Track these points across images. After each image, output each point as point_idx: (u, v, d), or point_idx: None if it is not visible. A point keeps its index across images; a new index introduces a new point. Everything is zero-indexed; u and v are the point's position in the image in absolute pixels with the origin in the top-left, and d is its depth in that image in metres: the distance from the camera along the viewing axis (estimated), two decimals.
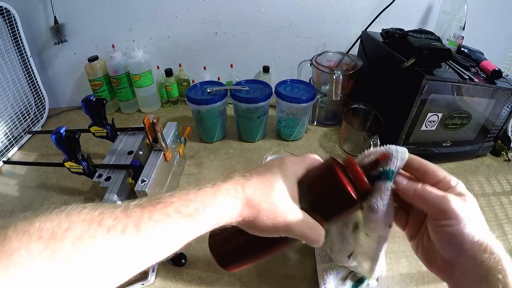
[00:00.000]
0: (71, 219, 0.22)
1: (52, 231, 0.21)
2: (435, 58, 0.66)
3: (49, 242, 0.21)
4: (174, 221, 0.24)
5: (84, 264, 0.22)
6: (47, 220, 0.22)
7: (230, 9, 0.88)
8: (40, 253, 0.21)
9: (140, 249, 0.24)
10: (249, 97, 0.74)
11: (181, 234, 0.25)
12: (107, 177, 0.55)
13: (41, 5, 0.82)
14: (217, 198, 0.27)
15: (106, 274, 0.23)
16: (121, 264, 0.23)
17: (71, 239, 0.21)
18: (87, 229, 0.22)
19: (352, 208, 0.30)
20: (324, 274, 0.50)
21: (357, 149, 0.77)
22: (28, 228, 0.21)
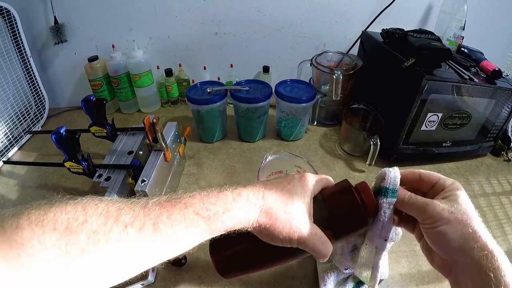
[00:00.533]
0: (87, 212, 0.22)
1: (67, 222, 0.21)
2: (435, 58, 0.66)
3: (63, 234, 0.21)
4: (192, 223, 0.25)
5: (98, 259, 0.22)
6: (62, 211, 0.22)
7: (230, 9, 0.88)
8: (53, 244, 0.20)
9: (155, 247, 0.24)
10: (249, 97, 0.74)
11: (196, 235, 0.26)
12: (107, 177, 0.55)
13: (41, 5, 0.82)
14: (238, 204, 0.27)
15: (118, 269, 0.23)
16: (135, 260, 0.23)
17: (86, 233, 0.21)
18: (104, 223, 0.22)
19: (362, 229, 0.32)
20: (324, 274, 0.50)
21: (357, 149, 0.77)
22: (42, 218, 0.21)
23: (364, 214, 0.31)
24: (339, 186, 0.34)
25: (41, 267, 0.20)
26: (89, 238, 0.21)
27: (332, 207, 0.32)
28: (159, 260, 0.25)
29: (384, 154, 0.72)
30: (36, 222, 0.21)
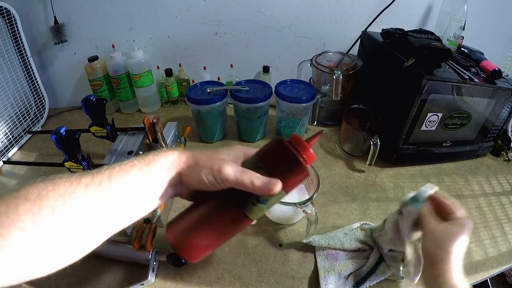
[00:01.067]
0: (55, 182, 0.26)
1: (38, 193, 0.25)
2: (435, 58, 0.66)
3: (35, 201, 0.24)
4: (137, 170, 0.29)
5: (68, 217, 0.25)
6: (32, 186, 0.26)
7: (230, 9, 0.88)
8: (27, 211, 0.24)
9: (115, 198, 0.27)
10: (249, 97, 0.74)
11: (144, 180, 0.29)
12: None
13: (41, 5, 0.82)
14: (167, 152, 0.32)
15: (88, 226, 0.26)
16: (101, 214, 0.27)
17: (55, 197, 0.25)
18: (69, 187, 0.26)
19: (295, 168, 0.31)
20: (324, 274, 0.50)
21: (357, 149, 0.77)
22: (15, 195, 0.25)
23: (294, 152, 0.31)
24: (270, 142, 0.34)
25: (18, 234, 0.23)
26: (57, 201, 0.25)
27: (262, 152, 0.33)
28: (126, 212, 0.29)
29: (384, 154, 0.72)
30: (10, 199, 0.24)
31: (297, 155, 0.30)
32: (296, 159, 0.30)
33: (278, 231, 0.59)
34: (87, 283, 0.50)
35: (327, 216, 0.62)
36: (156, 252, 0.51)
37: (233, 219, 0.32)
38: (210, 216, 0.32)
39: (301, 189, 0.63)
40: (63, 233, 0.25)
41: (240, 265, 0.53)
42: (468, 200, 0.67)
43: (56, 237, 0.25)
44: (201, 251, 0.33)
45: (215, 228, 0.32)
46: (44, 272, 0.26)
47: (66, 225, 0.25)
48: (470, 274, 0.53)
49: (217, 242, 0.33)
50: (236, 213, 0.32)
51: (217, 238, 0.33)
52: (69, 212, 0.25)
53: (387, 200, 0.66)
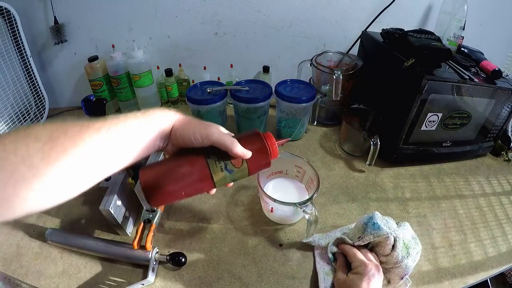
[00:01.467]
0: (67, 125, 0.28)
1: (49, 134, 0.27)
2: (435, 58, 0.66)
3: (46, 141, 0.26)
4: (137, 119, 0.34)
5: (78, 156, 0.27)
6: (43, 128, 0.27)
7: (230, 9, 0.88)
8: (37, 150, 0.25)
9: (121, 139, 0.31)
10: (249, 97, 0.74)
11: (141, 128, 0.34)
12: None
13: (41, 5, 0.82)
14: (166, 109, 0.37)
15: (96, 164, 0.29)
16: (109, 154, 0.30)
17: (66, 138, 0.27)
18: (80, 129, 0.28)
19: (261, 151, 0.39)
20: (324, 277, 0.50)
21: (357, 149, 0.77)
22: (24, 135, 0.26)
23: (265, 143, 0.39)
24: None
25: (24, 171, 0.25)
26: (69, 140, 0.27)
27: (240, 136, 0.40)
28: (129, 151, 0.32)
29: (384, 154, 0.72)
30: (18, 137, 0.26)
31: (266, 146, 0.39)
32: (265, 148, 0.39)
33: (278, 231, 0.59)
34: (87, 283, 0.50)
35: (327, 216, 0.62)
36: (156, 252, 0.51)
37: (200, 175, 0.37)
38: (181, 166, 0.37)
39: (301, 189, 0.63)
40: (72, 172, 0.27)
41: (240, 265, 0.53)
42: (468, 200, 0.67)
43: (64, 177, 0.27)
44: (164, 196, 0.37)
45: (183, 178, 0.37)
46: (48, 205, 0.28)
47: (77, 164, 0.28)
48: (470, 274, 0.53)
49: (180, 192, 0.37)
50: (203, 170, 0.37)
51: (181, 188, 0.37)
52: (80, 154, 0.28)
53: (387, 200, 0.66)
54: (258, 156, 0.39)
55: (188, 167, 0.37)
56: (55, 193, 0.28)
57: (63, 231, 0.56)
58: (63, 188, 0.28)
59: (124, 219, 0.54)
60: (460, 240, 0.59)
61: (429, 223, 0.62)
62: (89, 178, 0.30)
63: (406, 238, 0.50)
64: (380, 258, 0.49)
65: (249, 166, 0.39)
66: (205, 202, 0.64)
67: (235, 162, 0.38)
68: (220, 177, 0.38)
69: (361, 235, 0.49)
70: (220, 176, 0.38)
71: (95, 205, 0.51)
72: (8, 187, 0.24)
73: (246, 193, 0.66)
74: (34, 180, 0.25)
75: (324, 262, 0.52)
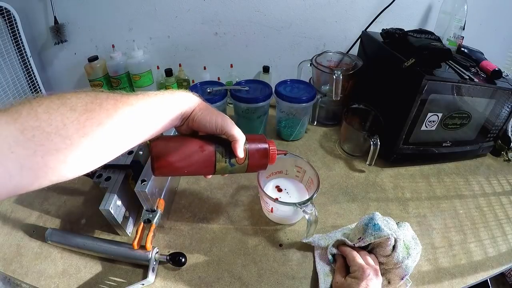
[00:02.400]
0: (101, 96, 0.29)
1: (85, 104, 0.27)
2: (435, 58, 0.66)
3: (82, 112, 0.26)
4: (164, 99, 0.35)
5: (111, 129, 0.28)
6: (77, 98, 0.27)
7: (230, 9, 0.88)
8: (73, 121, 0.25)
9: (149, 117, 0.33)
10: (249, 97, 0.74)
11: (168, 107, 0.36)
12: (107, 177, 0.55)
13: (41, 5, 0.82)
14: (187, 91, 0.40)
15: (125, 138, 0.30)
16: (138, 129, 0.32)
17: (101, 110, 0.28)
18: (115, 103, 0.29)
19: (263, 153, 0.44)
20: (324, 278, 0.50)
21: (357, 149, 0.77)
22: (59, 104, 0.25)
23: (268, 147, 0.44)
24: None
25: (57, 142, 0.24)
26: (104, 114, 0.28)
27: (248, 135, 0.44)
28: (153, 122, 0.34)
29: (384, 154, 0.72)
30: (52, 109, 0.25)
31: (268, 151, 0.44)
32: (266, 152, 0.44)
33: (278, 231, 0.59)
34: (87, 283, 0.50)
35: (327, 216, 0.62)
36: (156, 252, 0.51)
37: (206, 160, 0.40)
38: (192, 147, 0.40)
39: (301, 189, 0.63)
40: (102, 144, 0.28)
41: (240, 265, 0.53)
42: (468, 200, 0.67)
43: (94, 146, 0.27)
44: (169, 168, 0.40)
45: (190, 158, 0.40)
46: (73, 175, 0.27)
47: (109, 137, 0.28)
48: (470, 274, 0.53)
49: (184, 169, 0.40)
50: (210, 157, 0.40)
51: (186, 166, 0.40)
52: (113, 127, 0.28)
53: (387, 200, 0.66)
54: (259, 158, 0.44)
55: (198, 150, 0.40)
56: (83, 164, 0.27)
57: (63, 231, 0.56)
58: (91, 159, 0.28)
59: (124, 219, 0.54)
60: (460, 240, 0.59)
61: (429, 223, 0.62)
62: (116, 150, 0.30)
63: (407, 238, 0.50)
64: (380, 259, 0.49)
65: (249, 164, 0.43)
66: (205, 202, 0.64)
67: (239, 158, 0.42)
68: (221, 167, 0.42)
69: (362, 236, 0.49)
70: (221, 166, 0.41)
71: (95, 205, 0.51)
72: (37, 157, 0.24)
73: (246, 193, 0.66)
74: (66, 151, 0.25)
75: (324, 263, 0.52)
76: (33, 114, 0.24)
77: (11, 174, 0.23)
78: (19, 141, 0.23)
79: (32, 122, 0.24)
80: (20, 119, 0.23)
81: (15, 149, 0.23)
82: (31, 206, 0.62)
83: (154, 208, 0.53)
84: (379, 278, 0.45)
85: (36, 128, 0.24)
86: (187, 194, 0.66)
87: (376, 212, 0.50)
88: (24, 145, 0.23)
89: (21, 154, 0.23)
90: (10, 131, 0.23)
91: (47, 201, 0.63)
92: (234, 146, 0.40)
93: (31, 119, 0.24)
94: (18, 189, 0.24)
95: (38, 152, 0.24)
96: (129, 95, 0.32)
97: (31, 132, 0.23)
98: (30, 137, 0.23)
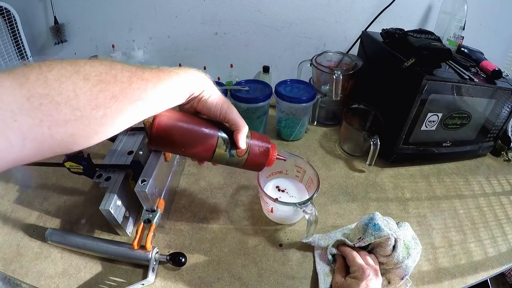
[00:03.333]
0: (115, 67, 0.28)
1: (99, 75, 0.25)
2: (435, 58, 0.66)
3: (96, 83, 0.25)
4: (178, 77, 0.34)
5: (123, 102, 0.27)
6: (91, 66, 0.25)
7: (230, 9, 0.88)
8: (85, 91, 0.24)
9: (161, 94, 0.32)
10: (249, 97, 0.74)
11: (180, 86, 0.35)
12: (107, 177, 0.54)
13: (41, 5, 0.82)
14: (199, 71, 0.38)
15: (135, 112, 0.29)
16: (148, 104, 0.30)
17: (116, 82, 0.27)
18: (129, 76, 0.28)
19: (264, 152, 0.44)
20: (324, 278, 0.50)
21: (357, 149, 0.77)
22: (71, 71, 0.24)
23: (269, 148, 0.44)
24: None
25: (67, 113, 0.23)
26: (119, 87, 0.26)
27: (253, 132, 0.44)
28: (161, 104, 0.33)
29: (384, 154, 0.72)
30: (63, 76, 0.23)
31: (269, 152, 0.44)
32: (267, 153, 0.44)
33: (278, 231, 0.59)
34: (87, 283, 0.50)
35: (327, 216, 0.62)
36: (156, 252, 0.51)
37: (206, 144, 0.39)
38: (196, 128, 0.39)
39: (301, 189, 0.63)
40: (111, 117, 0.26)
41: (240, 265, 0.53)
42: (468, 200, 0.67)
43: (103, 119, 0.26)
44: (167, 143, 0.39)
45: (191, 138, 0.39)
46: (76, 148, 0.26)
47: (117, 110, 0.27)
48: (470, 274, 0.53)
49: (181, 148, 0.39)
50: (211, 142, 0.39)
51: (184, 145, 0.39)
52: (126, 102, 0.27)
53: (387, 200, 0.66)
54: (259, 155, 0.43)
55: (201, 132, 0.39)
56: (90, 137, 0.26)
57: (63, 231, 0.56)
58: (99, 132, 0.26)
59: (124, 219, 0.54)
60: (460, 240, 0.59)
61: (429, 223, 0.62)
62: (125, 124, 0.29)
63: (407, 238, 0.50)
64: (380, 259, 0.49)
65: (247, 160, 0.43)
66: (205, 202, 0.64)
67: (240, 150, 0.41)
68: (220, 154, 0.40)
69: (362, 236, 0.49)
70: (220, 154, 0.40)
71: (95, 205, 0.51)
72: (43, 128, 0.22)
73: (246, 193, 0.66)
74: (75, 124, 0.23)
75: (324, 263, 0.52)
76: (42, 80, 0.22)
77: (13, 144, 0.21)
78: (24, 109, 0.21)
79: (40, 89, 0.22)
80: (27, 85, 0.21)
81: (18, 117, 0.21)
82: (31, 206, 0.62)
83: (154, 208, 0.53)
84: (379, 278, 0.45)
85: (44, 96, 0.22)
86: (187, 194, 0.66)
87: (376, 212, 0.50)
88: (29, 113, 0.21)
89: (25, 123, 0.21)
90: (14, 96, 0.21)
91: (47, 201, 0.63)
92: (237, 136, 0.40)
93: (39, 85, 0.22)
94: (18, 161, 0.22)
95: (44, 123, 0.22)
96: (144, 69, 0.30)
97: (39, 100, 0.21)
98: (37, 106, 0.21)
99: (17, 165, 0.22)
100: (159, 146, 0.40)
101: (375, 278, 0.44)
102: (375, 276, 0.44)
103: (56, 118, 0.22)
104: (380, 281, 0.45)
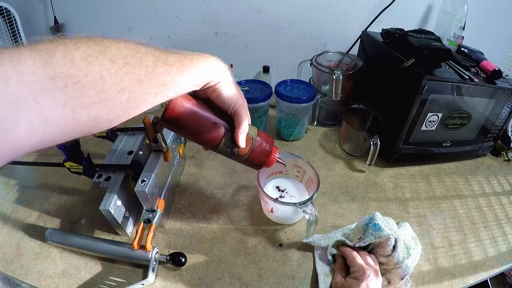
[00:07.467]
0: (140, 50, 0.27)
1: (125, 57, 0.25)
2: (435, 58, 0.66)
3: (122, 65, 0.24)
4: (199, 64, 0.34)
5: (146, 86, 0.27)
6: (117, 48, 0.25)
7: (230, 9, 0.88)
8: (111, 74, 0.23)
9: (182, 79, 0.32)
10: (249, 97, 0.73)
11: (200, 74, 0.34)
12: (107, 177, 0.55)
13: (41, 5, 0.82)
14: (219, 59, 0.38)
15: (155, 96, 0.29)
16: (168, 89, 0.30)
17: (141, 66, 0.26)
18: (154, 61, 0.28)
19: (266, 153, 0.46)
20: (324, 278, 0.50)
21: (357, 149, 0.77)
22: (98, 51, 0.23)
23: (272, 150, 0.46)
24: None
25: (92, 95, 0.22)
26: (144, 71, 0.26)
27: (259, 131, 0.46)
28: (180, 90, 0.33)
29: (384, 154, 0.72)
30: (90, 57, 0.22)
31: (271, 153, 0.46)
32: (269, 154, 0.46)
33: (278, 231, 0.59)
34: (87, 283, 0.50)
35: (327, 216, 0.62)
36: (156, 252, 0.51)
37: (214, 135, 0.41)
38: (208, 118, 0.40)
39: (301, 189, 0.63)
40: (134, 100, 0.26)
41: (240, 265, 0.53)
42: (468, 200, 0.67)
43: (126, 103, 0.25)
44: (178, 125, 0.40)
45: (202, 126, 0.40)
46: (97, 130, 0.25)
47: (140, 93, 0.26)
48: (470, 274, 0.53)
49: (190, 133, 0.41)
50: (218, 135, 0.41)
51: (194, 132, 0.40)
52: (151, 85, 0.27)
53: (387, 200, 0.66)
54: (260, 156, 0.45)
55: (211, 124, 0.40)
56: (112, 119, 0.25)
57: (63, 231, 0.56)
58: (121, 115, 0.26)
59: (124, 219, 0.54)
60: (460, 240, 0.59)
61: (429, 223, 0.62)
62: (145, 107, 0.28)
63: (407, 238, 0.50)
64: (380, 259, 0.49)
65: (249, 157, 0.44)
66: (205, 202, 0.64)
67: (242, 150, 0.43)
68: (223, 147, 0.42)
69: (362, 236, 0.49)
70: (224, 146, 0.42)
71: (95, 205, 0.51)
72: (66, 110, 0.20)
73: (246, 193, 0.66)
74: (99, 107, 0.22)
75: (324, 263, 0.52)
76: (68, 58, 0.20)
77: (34, 129, 0.19)
78: (48, 90, 0.19)
79: (66, 69, 0.20)
80: (52, 63, 0.20)
81: (41, 99, 0.19)
82: (31, 206, 0.62)
83: (154, 208, 0.53)
84: (379, 279, 0.45)
85: (70, 77, 0.20)
86: (187, 194, 0.66)
87: (376, 212, 0.50)
88: (52, 95, 0.20)
89: (48, 105, 0.20)
90: (38, 76, 0.19)
91: (47, 201, 0.63)
92: (236, 132, 0.41)
93: (65, 64, 0.20)
94: (39, 145, 0.21)
95: (68, 105, 0.20)
96: (167, 53, 0.30)
97: (64, 81, 0.20)
98: (61, 86, 0.20)
99: (37, 149, 0.21)
100: (167, 126, 0.41)
101: (375, 278, 0.44)
102: (375, 276, 0.44)
103: (80, 101, 0.21)
104: (380, 281, 0.45)
